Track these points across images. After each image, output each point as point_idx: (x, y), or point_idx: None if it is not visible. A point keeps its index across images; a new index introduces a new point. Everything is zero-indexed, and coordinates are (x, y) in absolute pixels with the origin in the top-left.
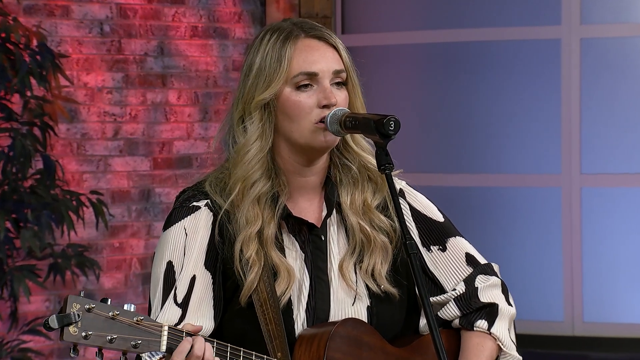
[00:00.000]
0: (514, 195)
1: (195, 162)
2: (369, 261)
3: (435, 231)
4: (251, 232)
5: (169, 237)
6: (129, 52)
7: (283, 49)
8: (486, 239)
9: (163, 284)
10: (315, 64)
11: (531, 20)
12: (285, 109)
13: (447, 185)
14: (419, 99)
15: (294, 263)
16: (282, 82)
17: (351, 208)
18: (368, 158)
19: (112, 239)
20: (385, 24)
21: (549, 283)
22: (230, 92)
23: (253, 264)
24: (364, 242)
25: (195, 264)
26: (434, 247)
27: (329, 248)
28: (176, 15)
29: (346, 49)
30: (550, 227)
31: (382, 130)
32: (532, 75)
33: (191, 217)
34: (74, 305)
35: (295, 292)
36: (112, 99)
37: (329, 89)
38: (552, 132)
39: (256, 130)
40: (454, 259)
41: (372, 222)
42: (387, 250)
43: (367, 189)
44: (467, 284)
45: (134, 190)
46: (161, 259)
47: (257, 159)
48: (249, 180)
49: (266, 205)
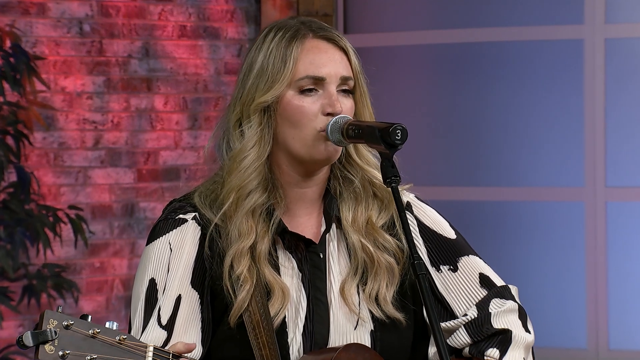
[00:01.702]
0: (532, 211)
1: (183, 174)
2: (372, 284)
3: (446, 249)
4: (243, 246)
5: (152, 252)
6: (111, 54)
7: (289, 49)
8: (501, 258)
9: (145, 303)
10: (323, 67)
11: (551, 18)
12: (286, 113)
13: (459, 200)
14: (428, 105)
15: (290, 282)
16: (286, 85)
17: (353, 225)
18: (373, 173)
19: (92, 258)
20: (391, 22)
21: (571, 307)
22: (222, 98)
23: (244, 281)
24: (366, 263)
25: (181, 283)
26: (444, 267)
27: (329, 266)
28: (163, 14)
29: (356, 54)
30: (572, 246)
31: (388, 139)
32: (552, 79)
33: (177, 231)
34: (50, 321)
35: (290, 314)
36: (93, 105)
37: (335, 95)
38: (574, 141)
39: (254, 135)
40: (466, 281)
41: (377, 242)
42: (394, 272)
43: (372, 207)
44: (480, 308)
45: (117, 205)
46: (143, 276)
47: (254, 167)
48: (244, 190)
49: (260, 218)
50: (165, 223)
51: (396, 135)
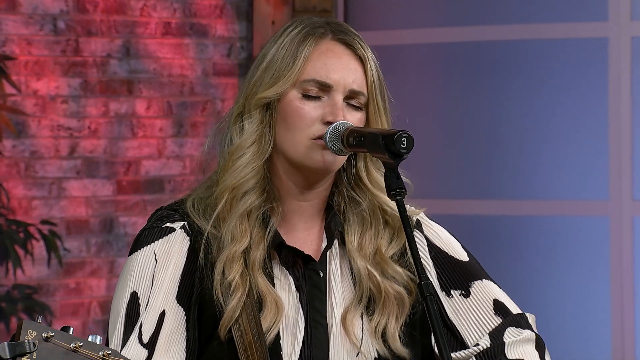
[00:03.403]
0: (551, 226)
1: (167, 185)
2: (380, 318)
3: (458, 273)
4: (236, 250)
5: (135, 262)
6: (88, 54)
7: (302, 46)
8: (518, 278)
9: (125, 318)
10: (333, 73)
11: (572, 15)
12: (284, 113)
13: (471, 214)
14: (437, 110)
15: (286, 299)
16: (290, 83)
17: (359, 251)
18: (384, 199)
19: (67, 278)
20: (397, 19)
21: (595, 330)
22: (210, 102)
23: (236, 288)
24: (373, 292)
25: (166, 297)
26: (455, 291)
27: (329, 287)
28: (145, 9)
29: (377, 67)
30: (596, 265)
31: (393, 147)
32: (573, 82)
33: (163, 241)
34: (29, 332)
35: (287, 336)
36: (68, 109)
37: (340, 104)
38: (598, 149)
39: (254, 132)
40: (480, 307)
41: (385, 273)
42: (404, 302)
43: (383, 236)
44: (494, 337)
45: (94, 219)
46: (124, 289)
47: (251, 166)
48: (239, 190)
49: (256, 222)
50: (151, 232)
51: (401, 144)
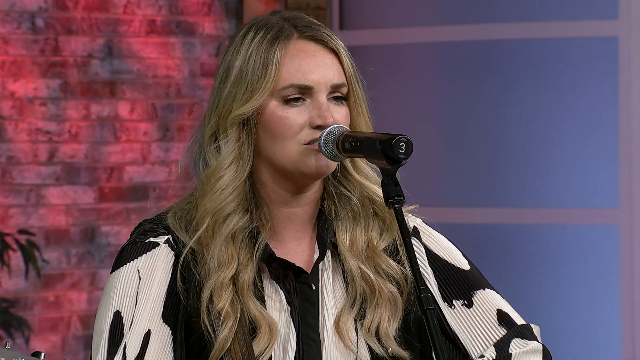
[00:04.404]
0: (559, 235)
1: (152, 192)
2: (372, 316)
3: (459, 282)
4: (224, 277)
5: (118, 280)
6: (68, 53)
7: (270, 52)
8: (523, 289)
9: (108, 339)
10: (310, 74)
11: (580, 13)
12: (268, 126)
13: (473, 223)
14: (438, 113)
15: (278, 317)
16: (267, 94)
17: (351, 249)
18: (373, 189)
19: (46, 291)
20: (395, 17)
21: (605, 345)
22: (197, 104)
23: (227, 317)
24: (366, 292)
25: (151, 316)
26: (457, 301)
27: (322, 300)
28: (128, 6)
29: (349, 55)
30: (605, 275)
31: (391, 153)
32: (582, 83)
33: (147, 256)
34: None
35: (278, 354)
36: (47, 112)
37: (326, 105)
38: (607, 154)
39: (231, 152)
40: (483, 318)
41: (378, 268)
42: (397, 304)
43: (373, 227)
44: (499, 349)
45: (74, 229)
46: (107, 308)
47: (231, 187)
48: (220, 214)
49: (243, 243)
50: (134, 247)
51: (400, 148)
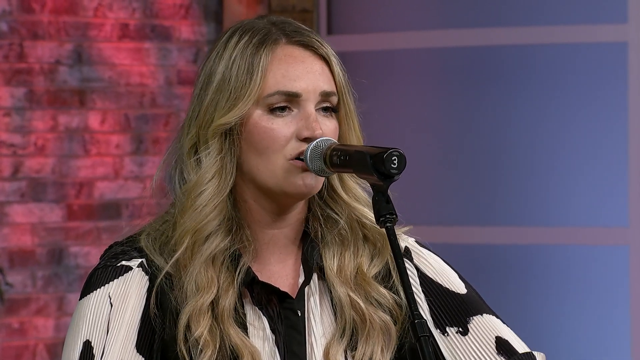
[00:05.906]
0: (565, 256)
1: (125, 210)
2: (364, 349)
3: (454, 307)
4: (203, 302)
5: (88, 307)
6: (34, 60)
7: (256, 57)
8: (527, 314)
9: None
10: (298, 80)
11: (587, 17)
12: (251, 137)
13: (472, 243)
14: (434, 124)
15: (262, 346)
16: (252, 102)
17: (339, 276)
18: (363, 211)
19: (10, 317)
20: (387, 21)
21: None
22: (174, 114)
23: (205, 345)
24: (356, 322)
25: (124, 346)
26: (451, 328)
27: (308, 327)
28: (99, 9)
29: (341, 64)
30: (614, 297)
31: (382, 168)
32: (589, 91)
33: (119, 281)
34: None
35: None
36: (11, 123)
37: (314, 116)
38: (617, 170)
39: (213, 165)
40: (480, 346)
41: (368, 296)
42: (390, 333)
43: (363, 253)
44: None
45: (41, 249)
46: (76, 338)
47: (213, 204)
48: (201, 233)
49: (223, 267)
50: (104, 271)
51: (392, 163)
